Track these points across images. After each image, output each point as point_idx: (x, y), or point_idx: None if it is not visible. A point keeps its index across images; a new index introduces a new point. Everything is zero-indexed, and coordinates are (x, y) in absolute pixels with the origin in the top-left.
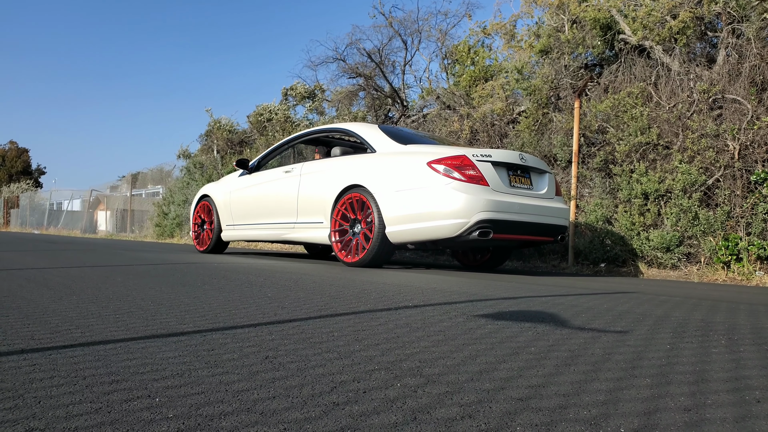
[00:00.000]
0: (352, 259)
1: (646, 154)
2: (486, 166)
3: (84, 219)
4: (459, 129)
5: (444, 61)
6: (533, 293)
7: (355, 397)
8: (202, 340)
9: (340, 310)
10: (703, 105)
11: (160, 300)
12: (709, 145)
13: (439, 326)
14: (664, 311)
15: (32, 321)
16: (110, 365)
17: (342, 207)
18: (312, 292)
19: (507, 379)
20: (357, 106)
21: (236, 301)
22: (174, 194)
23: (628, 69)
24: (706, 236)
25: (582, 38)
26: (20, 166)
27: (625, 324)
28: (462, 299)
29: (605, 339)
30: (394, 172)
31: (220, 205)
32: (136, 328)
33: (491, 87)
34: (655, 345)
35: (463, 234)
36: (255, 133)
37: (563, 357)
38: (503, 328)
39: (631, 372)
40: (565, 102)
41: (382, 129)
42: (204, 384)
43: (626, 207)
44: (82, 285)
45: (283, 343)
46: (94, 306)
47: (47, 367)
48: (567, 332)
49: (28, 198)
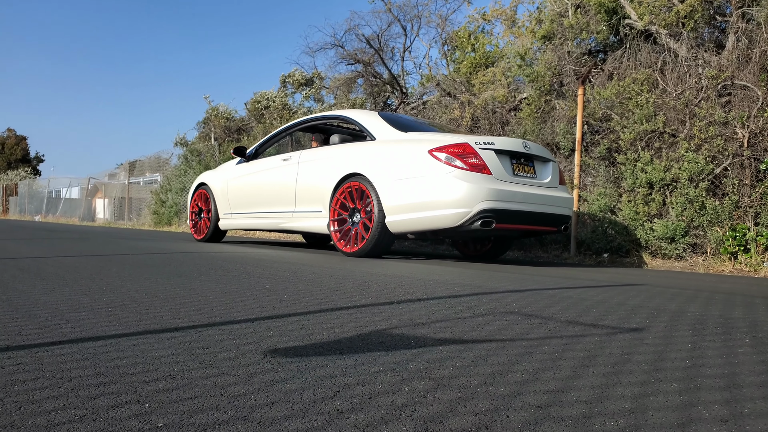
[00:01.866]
0: (351, 248)
1: (651, 143)
2: (489, 154)
3: (82, 207)
4: (460, 116)
5: (444, 47)
6: (539, 285)
7: (361, 404)
8: (197, 337)
9: (341, 304)
10: (711, 92)
11: (155, 292)
12: (718, 133)
13: (445, 322)
14: (679, 306)
15: (21, 314)
16: (99, 365)
17: (341, 196)
18: (311, 283)
19: (522, 383)
20: (355, 93)
21: (233, 293)
22: (171, 182)
23: (633, 55)
24: (712, 226)
25: (586, 23)
26: (19, 154)
27: (640, 320)
28: (466, 292)
29: (621, 337)
30: (395, 160)
31: (218, 194)
32: (129, 322)
33: (492, 73)
34: (676, 344)
35: (465, 224)
36: (253, 121)
37: (580, 357)
38: (512, 324)
39: (654, 375)
40: (568, 89)
41: (382, 116)
42: (198, 387)
43: (630, 196)
44: (75, 275)
45: (282, 340)
46: (86, 298)
47: (32, 367)
48: (580, 329)
49: (27, 186)
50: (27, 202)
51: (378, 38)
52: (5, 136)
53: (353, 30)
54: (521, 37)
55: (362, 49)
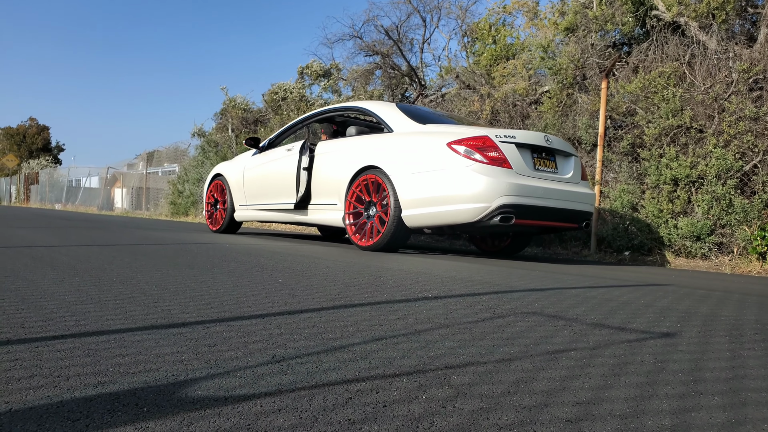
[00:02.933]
0: (367, 242)
1: (677, 138)
2: (509, 148)
3: (101, 196)
4: (479, 109)
5: (464, 39)
6: (560, 284)
7: (374, 413)
8: (204, 333)
9: (355, 300)
10: (742, 86)
11: (165, 284)
12: (748, 128)
13: (463, 322)
14: (710, 309)
15: (27, 305)
16: (99, 362)
17: (357, 189)
18: (324, 278)
19: (549, 392)
20: (373, 85)
21: (245, 286)
22: (188, 172)
23: (659, 48)
24: (740, 225)
25: (611, 15)
26: (40, 143)
27: (671, 324)
28: (485, 290)
29: (653, 343)
30: (412, 153)
31: (234, 185)
32: (136, 316)
33: (513, 66)
34: (713, 352)
35: (483, 219)
36: (270, 112)
37: (609, 365)
38: (536, 326)
39: (693, 387)
40: (591, 82)
41: (400, 108)
42: (201, 390)
43: (654, 193)
44: (87, 266)
45: (292, 338)
46: (95, 289)
47: (30, 363)
48: (607, 333)
49: (48, 174)
50: (48, 191)
51: (397, 29)
52: (27, 126)
53: (372, 21)
54: (543, 29)
55: (381, 40)
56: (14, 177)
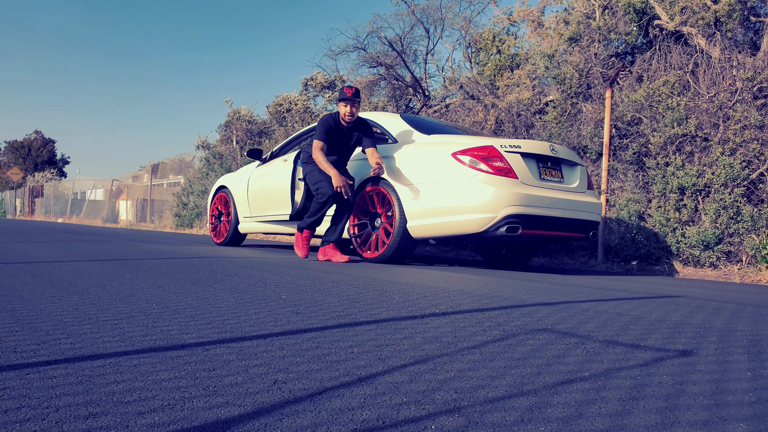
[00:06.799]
0: (372, 254)
1: (682, 147)
2: (515, 158)
3: (106, 208)
4: (483, 119)
5: (468, 49)
6: (570, 297)
7: None
8: (203, 356)
9: (360, 318)
10: (746, 94)
11: (165, 302)
12: (753, 136)
13: (473, 341)
14: (725, 323)
15: (22, 327)
16: (92, 391)
17: (361, 200)
18: (329, 293)
19: (565, 419)
20: (377, 96)
21: (247, 303)
22: (193, 184)
23: (663, 57)
24: (749, 234)
25: (614, 24)
26: (45, 156)
27: (686, 341)
28: (494, 305)
29: (670, 363)
30: (417, 163)
31: (237, 197)
32: (134, 337)
33: (517, 76)
34: (733, 372)
35: (490, 229)
36: (274, 124)
37: (626, 387)
38: (547, 345)
39: (716, 412)
40: (595, 91)
41: (404, 118)
42: (197, 420)
43: (660, 202)
44: (87, 282)
45: (294, 361)
46: (93, 309)
47: (18, 393)
48: (621, 351)
49: (52, 187)
50: (52, 204)
51: (401, 40)
52: (32, 139)
53: (375, 32)
54: (547, 39)
55: (384, 51)
56: (18, 190)
